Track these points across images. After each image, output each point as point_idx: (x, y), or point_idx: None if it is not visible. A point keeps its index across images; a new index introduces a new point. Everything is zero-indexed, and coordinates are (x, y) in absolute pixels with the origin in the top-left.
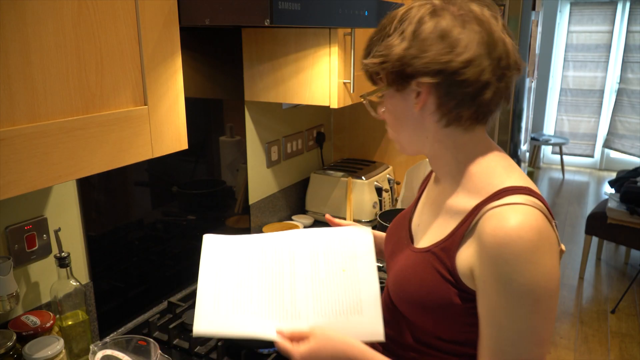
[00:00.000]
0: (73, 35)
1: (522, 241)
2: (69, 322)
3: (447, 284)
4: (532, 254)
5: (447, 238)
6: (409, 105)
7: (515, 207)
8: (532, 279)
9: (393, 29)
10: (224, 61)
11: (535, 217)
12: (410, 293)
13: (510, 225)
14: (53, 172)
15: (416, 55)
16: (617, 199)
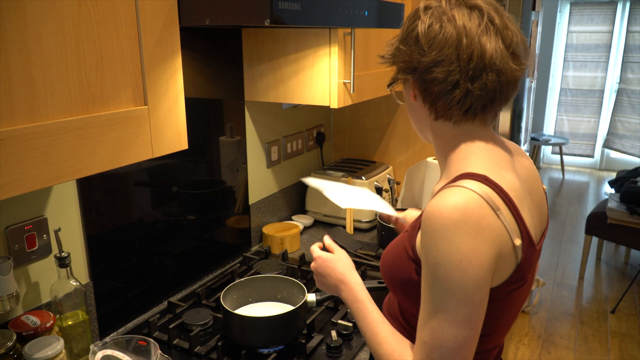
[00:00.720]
0: (73, 35)
1: (442, 218)
2: (69, 322)
3: (409, 260)
4: (448, 231)
5: (418, 219)
6: (409, 97)
7: (456, 189)
8: (444, 255)
9: (402, 26)
10: (224, 61)
11: (466, 200)
12: (385, 269)
13: (441, 203)
14: (53, 172)
15: (399, 54)
16: (617, 199)
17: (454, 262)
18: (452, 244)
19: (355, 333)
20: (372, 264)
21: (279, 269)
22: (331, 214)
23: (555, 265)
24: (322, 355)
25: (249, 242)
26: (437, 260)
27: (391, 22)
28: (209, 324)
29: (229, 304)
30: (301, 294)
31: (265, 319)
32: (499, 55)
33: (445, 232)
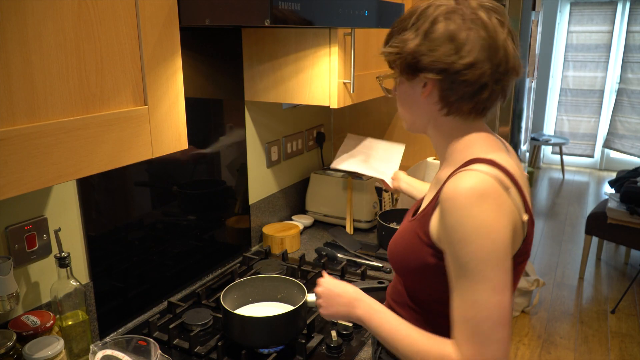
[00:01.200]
0: (73, 35)
1: (463, 198)
2: (69, 322)
3: (423, 245)
4: (472, 208)
5: (427, 206)
6: (416, 93)
7: (470, 172)
8: (472, 229)
9: (411, 24)
10: (224, 61)
11: (482, 180)
12: (397, 256)
13: (459, 185)
14: (53, 172)
15: (425, 53)
16: (617, 199)
17: (482, 233)
18: (477, 218)
19: (355, 333)
20: (372, 264)
21: (279, 269)
22: (331, 214)
23: (555, 265)
24: (322, 355)
25: (249, 242)
26: (465, 236)
27: (391, 22)
28: (209, 324)
29: (229, 304)
30: (301, 294)
31: (265, 319)
32: (516, 58)
33: (469, 210)
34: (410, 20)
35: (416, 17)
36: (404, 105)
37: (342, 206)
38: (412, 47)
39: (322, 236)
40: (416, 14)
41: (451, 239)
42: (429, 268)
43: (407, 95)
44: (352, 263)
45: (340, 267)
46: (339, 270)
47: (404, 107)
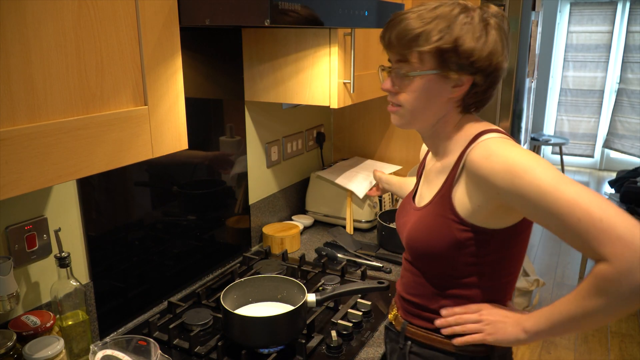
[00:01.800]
0: (73, 35)
1: (499, 149)
2: (69, 322)
3: (450, 222)
4: (511, 149)
5: (441, 188)
6: (444, 90)
7: (490, 138)
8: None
9: (463, 22)
10: (224, 61)
11: (504, 137)
12: (420, 242)
13: (488, 147)
14: (53, 172)
15: (480, 54)
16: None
17: (532, 156)
18: (519, 151)
19: (355, 333)
20: (372, 264)
21: (279, 269)
22: (331, 214)
23: (555, 265)
24: (322, 355)
25: (249, 242)
26: (523, 166)
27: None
28: (209, 324)
29: (229, 304)
30: (301, 294)
31: (265, 319)
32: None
33: (509, 151)
34: (459, 18)
35: (465, 16)
36: (419, 99)
37: (342, 206)
38: (470, 46)
39: (322, 236)
40: (464, 12)
41: (511, 183)
42: (460, 244)
43: (429, 91)
44: (352, 263)
45: (340, 267)
46: (339, 270)
47: (420, 102)
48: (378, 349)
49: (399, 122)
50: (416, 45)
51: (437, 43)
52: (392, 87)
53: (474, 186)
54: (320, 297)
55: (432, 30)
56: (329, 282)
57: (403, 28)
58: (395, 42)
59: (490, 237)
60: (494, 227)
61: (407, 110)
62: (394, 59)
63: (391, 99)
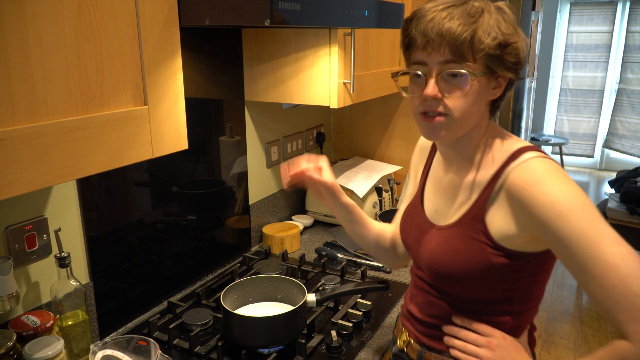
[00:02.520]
0: (73, 35)
1: (546, 177)
2: (69, 322)
3: (483, 246)
4: (559, 181)
5: (473, 208)
6: (488, 93)
7: (536, 160)
8: (568, 195)
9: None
10: (224, 61)
11: (549, 161)
12: (448, 266)
13: (534, 171)
14: (53, 172)
15: (523, 51)
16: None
17: (578, 195)
18: (567, 187)
19: (355, 333)
20: (372, 264)
21: (279, 269)
22: (331, 214)
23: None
24: (322, 355)
25: (249, 242)
26: (566, 206)
27: (391, 22)
28: (209, 324)
29: (229, 304)
30: (301, 294)
31: (265, 319)
32: None
33: (557, 184)
34: (497, 14)
35: (498, 10)
36: (472, 105)
37: None
38: (519, 44)
39: (322, 236)
40: (496, 8)
41: (553, 221)
42: (493, 269)
43: (480, 94)
44: (352, 263)
45: (340, 267)
46: (339, 270)
47: (472, 107)
48: (378, 349)
49: (446, 134)
50: (473, 44)
51: (495, 41)
52: (440, 91)
53: (512, 211)
54: (320, 297)
55: (487, 26)
56: (329, 282)
57: (452, 26)
58: (444, 41)
59: (526, 262)
60: (530, 250)
61: (456, 119)
62: (437, 60)
63: (434, 107)
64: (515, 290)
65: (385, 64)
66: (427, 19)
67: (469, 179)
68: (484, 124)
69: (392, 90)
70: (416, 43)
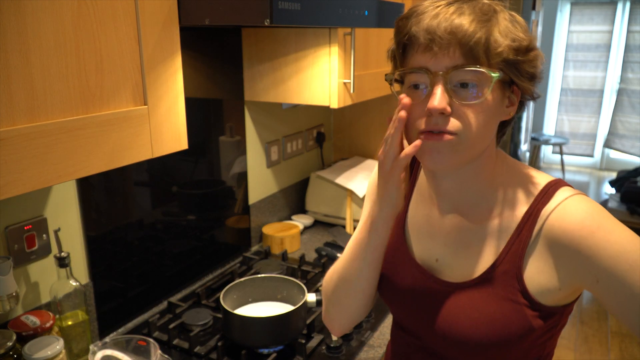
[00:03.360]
0: (73, 35)
1: (595, 221)
2: (69, 322)
3: (523, 308)
4: (610, 225)
5: (502, 260)
6: (502, 112)
7: (578, 199)
8: (623, 240)
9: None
10: (224, 61)
11: (588, 200)
12: (480, 337)
13: (594, 214)
14: (53, 172)
15: (542, 62)
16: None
17: (633, 236)
18: (625, 229)
19: (355, 333)
20: None
21: (279, 269)
22: (331, 214)
23: None
24: (322, 355)
25: (249, 242)
26: (635, 248)
27: (391, 22)
28: (209, 324)
29: (228, 304)
30: (301, 294)
31: (265, 319)
32: None
33: (610, 228)
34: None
35: (511, 19)
36: (487, 123)
37: (342, 206)
38: (540, 54)
39: (322, 236)
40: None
41: (623, 273)
42: (531, 332)
43: (494, 111)
44: None
45: None
46: None
47: (487, 126)
48: (378, 349)
49: (453, 159)
50: (489, 45)
51: (515, 43)
52: (448, 104)
53: (558, 262)
54: (320, 297)
55: (504, 27)
56: None
57: (464, 22)
58: (455, 40)
59: (559, 318)
60: (564, 304)
61: (466, 140)
62: (445, 64)
63: (440, 126)
64: (543, 348)
65: (385, 64)
66: (430, 14)
67: (486, 222)
68: (493, 151)
69: None
70: (417, 43)
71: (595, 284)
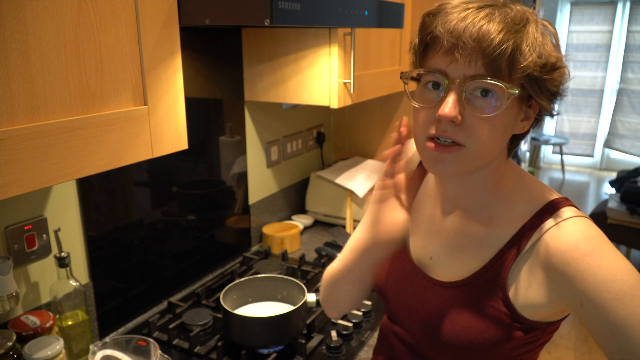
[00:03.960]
0: (73, 35)
1: (602, 242)
2: (69, 322)
3: (502, 316)
4: (602, 250)
5: (490, 268)
6: (516, 126)
7: (578, 220)
8: (615, 268)
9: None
10: (224, 61)
11: (588, 222)
12: (454, 336)
13: (591, 238)
14: (53, 172)
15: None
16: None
17: (631, 271)
18: (619, 258)
19: (355, 333)
20: None
21: (279, 269)
22: (331, 214)
23: None
24: (322, 355)
25: (249, 242)
26: (624, 279)
27: (391, 22)
28: (209, 324)
29: (228, 304)
30: (301, 294)
31: (265, 319)
32: None
33: (609, 253)
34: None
35: (543, 30)
36: (499, 137)
37: (342, 206)
38: (567, 72)
39: (322, 236)
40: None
41: (606, 301)
42: (507, 342)
43: (507, 125)
44: None
45: None
46: None
47: (498, 140)
48: None
49: (456, 169)
50: (514, 59)
51: (542, 60)
52: (460, 114)
53: (547, 280)
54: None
55: (533, 40)
56: None
57: (492, 30)
58: (479, 48)
59: (541, 333)
60: (550, 320)
61: (473, 152)
62: (463, 72)
63: (449, 134)
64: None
65: (385, 64)
66: (458, 15)
67: (483, 230)
68: (502, 162)
69: (392, 90)
70: (439, 45)
71: (579, 307)
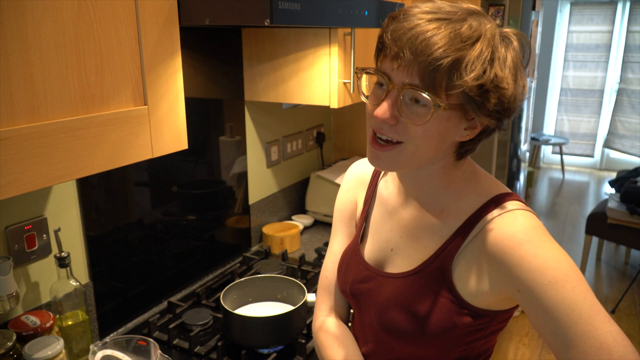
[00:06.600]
0: (73, 35)
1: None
2: (69, 322)
3: (448, 303)
4: (544, 243)
5: (437, 257)
6: (455, 133)
7: (520, 213)
8: (556, 261)
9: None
10: (224, 61)
11: (530, 217)
12: (402, 323)
13: (528, 230)
14: (53, 172)
15: (517, 99)
16: (617, 199)
17: (565, 261)
18: (552, 249)
19: None
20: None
21: (279, 269)
22: (331, 214)
23: None
24: None
25: (249, 242)
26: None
27: None
28: (209, 324)
29: (229, 304)
30: (301, 294)
31: (265, 319)
32: None
33: (542, 245)
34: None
35: (503, 41)
36: (431, 140)
37: None
38: (509, 93)
39: (322, 236)
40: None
41: (540, 288)
42: (455, 329)
43: (443, 131)
44: None
45: None
46: None
47: (429, 143)
48: None
49: (390, 165)
50: (450, 75)
51: (477, 82)
52: (393, 117)
53: (488, 268)
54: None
55: (475, 59)
56: None
57: (432, 45)
58: (416, 61)
59: (490, 321)
60: (498, 309)
61: (408, 151)
62: (402, 79)
63: (385, 131)
64: (472, 349)
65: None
66: (408, 25)
67: (435, 221)
68: (449, 163)
69: None
70: (386, 50)
71: (516, 292)
